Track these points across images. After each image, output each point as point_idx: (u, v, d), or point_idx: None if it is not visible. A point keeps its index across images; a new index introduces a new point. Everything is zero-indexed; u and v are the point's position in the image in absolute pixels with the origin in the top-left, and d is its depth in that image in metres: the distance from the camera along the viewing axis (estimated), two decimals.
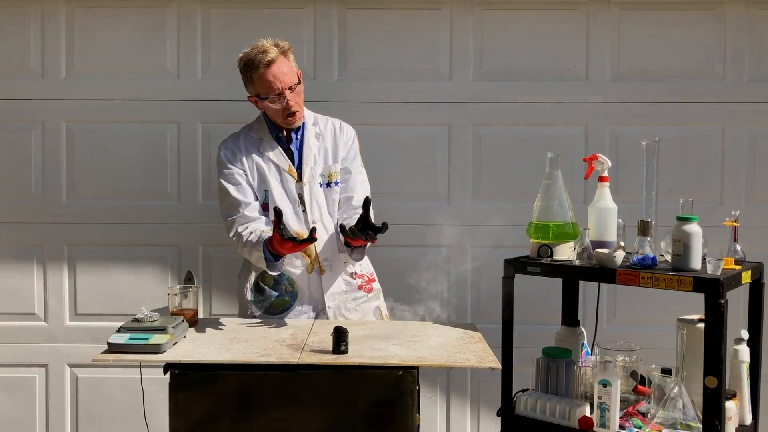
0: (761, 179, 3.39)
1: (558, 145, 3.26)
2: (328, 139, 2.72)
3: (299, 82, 2.59)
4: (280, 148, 2.66)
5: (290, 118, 2.60)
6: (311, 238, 2.29)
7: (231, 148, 2.67)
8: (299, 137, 2.69)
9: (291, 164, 2.65)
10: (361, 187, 2.71)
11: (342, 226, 2.47)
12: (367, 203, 2.41)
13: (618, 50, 3.37)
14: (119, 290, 3.37)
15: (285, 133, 2.67)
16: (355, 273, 2.73)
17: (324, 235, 2.64)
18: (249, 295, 2.68)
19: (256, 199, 2.63)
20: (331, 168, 2.69)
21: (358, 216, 2.45)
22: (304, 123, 2.69)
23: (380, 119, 3.34)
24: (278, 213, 2.31)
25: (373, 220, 2.40)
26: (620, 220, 2.41)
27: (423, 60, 3.36)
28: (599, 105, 3.37)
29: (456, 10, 3.35)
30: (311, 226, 2.60)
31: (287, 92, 2.54)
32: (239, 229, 2.57)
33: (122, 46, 3.33)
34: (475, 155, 3.38)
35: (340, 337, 2.11)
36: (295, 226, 2.61)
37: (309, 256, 2.64)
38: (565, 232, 2.40)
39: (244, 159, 2.64)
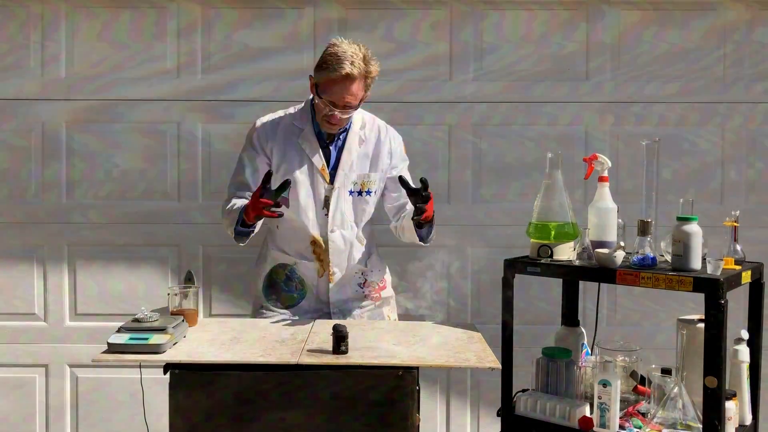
0: (761, 179, 3.39)
1: (558, 145, 3.27)
2: (371, 146, 2.64)
3: (356, 108, 2.50)
4: (319, 145, 2.58)
5: (328, 125, 2.52)
6: (282, 187, 2.30)
7: (267, 133, 2.58)
8: (341, 139, 2.60)
9: (325, 165, 2.58)
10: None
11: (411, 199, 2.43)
12: (402, 179, 2.41)
13: (618, 50, 3.36)
14: (119, 290, 3.36)
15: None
16: (366, 281, 2.71)
17: (340, 243, 2.61)
18: (260, 285, 2.70)
19: None
20: (365, 177, 2.62)
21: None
22: (351, 125, 2.61)
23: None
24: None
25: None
26: (620, 220, 2.40)
27: (422, 60, 3.36)
28: (599, 105, 3.37)
29: (456, 10, 3.35)
30: (329, 232, 2.58)
31: (338, 111, 2.45)
32: (234, 200, 2.56)
33: (122, 46, 3.33)
34: (475, 155, 3.38)
35: (340, 337, 2.11)
36: (313, 229, 2.58)
37: (321, 260, 2.63)
38: (565, 232, 2.40)
39: (274, 150, 2.56)
